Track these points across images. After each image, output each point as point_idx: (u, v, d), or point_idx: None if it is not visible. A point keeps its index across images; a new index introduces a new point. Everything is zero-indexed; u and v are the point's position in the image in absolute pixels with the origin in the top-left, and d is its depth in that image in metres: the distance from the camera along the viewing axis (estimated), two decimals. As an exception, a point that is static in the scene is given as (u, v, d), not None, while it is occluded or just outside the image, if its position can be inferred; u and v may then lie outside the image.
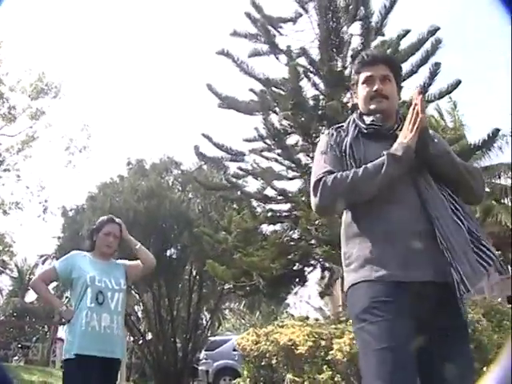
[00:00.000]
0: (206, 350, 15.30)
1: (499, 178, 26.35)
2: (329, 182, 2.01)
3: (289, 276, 8.80)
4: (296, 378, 5.95)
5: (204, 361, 14.93)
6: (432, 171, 2.06)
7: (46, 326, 27.13)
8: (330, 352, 5.58)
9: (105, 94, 62.97)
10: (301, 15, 9.66)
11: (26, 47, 42.32)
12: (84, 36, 61.12)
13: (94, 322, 3.38)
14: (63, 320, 3.49)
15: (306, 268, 8.97)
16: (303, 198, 7.92)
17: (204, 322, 19.85)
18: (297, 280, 9.75)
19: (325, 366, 5.63)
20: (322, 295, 10.65)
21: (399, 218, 1.98)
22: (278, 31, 9.76)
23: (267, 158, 8.96)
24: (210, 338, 17.35)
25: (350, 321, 6.00)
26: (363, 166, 2.00)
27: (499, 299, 19.84)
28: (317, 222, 6.80)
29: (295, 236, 8.36)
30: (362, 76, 2.22)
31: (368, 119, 2.19)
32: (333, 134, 2.22)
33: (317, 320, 6.75)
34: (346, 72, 8.82)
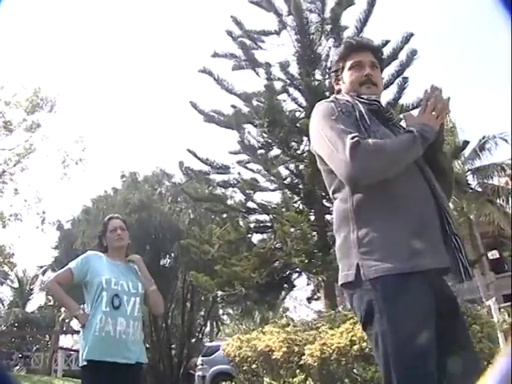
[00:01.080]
0: (202, 356, 15.50)
1: (491, 178, 26.71)
2: (371, 147, 1.80)
3: (275, 283, 9.14)
4: (273, 382, 6.33)
5: (200, 366, 15.18)
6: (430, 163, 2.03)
7: (47, 336, 27.25)
8: (303, 357, 5.93)
9: (100, 107, 63.24)
10: (282, 29, 10.05)
11: (20, 61, 42.66)
12: (78, 50, 61.53)
13: (108, 327, 3.29)
14: (79, 324, 3.37)
15: (292, 275, 9.32)
16: (283, 209, 8.31)
17: (198, 328, 20.15)
18: (285, 286, 10.14)
19: (298, 370, 5.99)
20: (309, 300, 10.94)
21: (417, 203, 1.90)
22: (259, 46, 10.16)
23: (252, 170, 9.34)
24: (206, 344, 17.63)
25: (323, 327, 6.40)
26: (394, 139, 1.90)
27: (494, 298, 20.11)
28: (292, 234, 7.13)
29: (278, 246, 8.66)
30: (350, 62, 2.15)
31: (372, 97, 2.10)
32: (337, 103, 2.06)
33: (295, 326, 7.02)
34: (323, 85, 9.23)
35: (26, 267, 31.40)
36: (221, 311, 23.21)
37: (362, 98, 2.07)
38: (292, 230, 7.14)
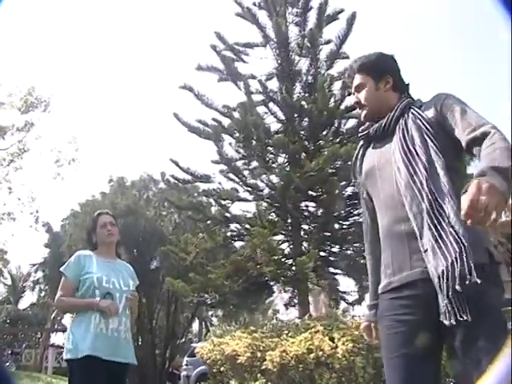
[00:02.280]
0: (187, 356, 15.88)
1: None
2: None
3: (252, 289, 9.48)
4: (237, 384, 6.73)
5: (185, 367, 15.56)
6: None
7: (38, 333, 27.49)
8: (264, 362, 6.32)
9: (93, 109, 63.36)
10: (267, 42, 10.41)
11: (14, 62, 42.91)
12: (70, 53, 61.94)
13: (101, 325, 3.27)
14: (107, 313, 3.26)
15: (269, 282, 9.66)
16: (257, 221, 8.69)
17: (182, 330, 20.47)
18: (266, 291, 10.49)
19: (259, 375, 6.38)
20: (286, 306, 11.20)
21: (387, 220, 2.04)
22: (242, 59, 10.53)
23: (233, 180, 9.67)
24: (192, 345, 17.97)
25: (284, 335, 6.79)
26: None
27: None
28: (261, 246, 7.49)
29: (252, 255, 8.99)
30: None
31: (360, 129, 2.31)
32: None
33: (262, 332, 7.39)
34: (301, 101, 9.60)
35: (19, 264, 31.68)
36: (210, 312, 23.53)
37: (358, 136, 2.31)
38: (261, 241, 7.48)
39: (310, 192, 9.02)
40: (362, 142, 2.28)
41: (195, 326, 27.31)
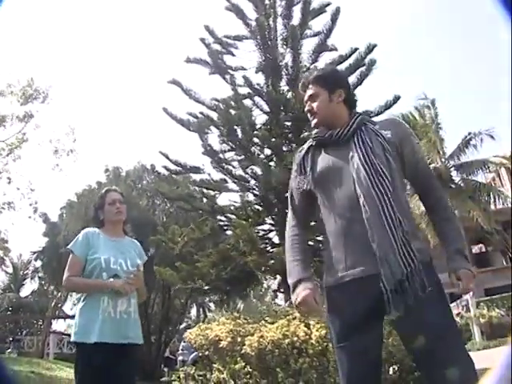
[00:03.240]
0: (183, 342, 16.33)
1: (475, 175, 27.11)
2: None
3: (240, 277, 9.81)
4: (220, 368, 7.05)
5: (181, 351, 16.01)
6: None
7: (40, 320, 27.90)
8: (244, 347, 6.65)
9: (91, 100, 64.17)
10: (253, 37, 10.63)
11: (13, 53, 42.98)
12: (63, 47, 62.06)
13: (109, 308, 3.22)
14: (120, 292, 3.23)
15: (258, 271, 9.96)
16: (240, 212, 9.00)
17: (176, 315, 20.86)
18: (253, 279, 10.82)
19: (239, 358, 6.72)
20: (275, 293, 11.51)
21: (343, 220, 2.20)
22: (231, 53, 10.77)
23: (222, 172, 9.96)
24: (188, 330, 18.37)
25: (263, 321, 7.12)
26: None
27: (471, 293, 20.75)
28: (243, 236, 7.80)
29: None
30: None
31: (313, 132, 2.45)
32: (295, 159, 2.49)
33: (245, 319, 7.72)
34: (286, 95, 9.87)
35: (20, 253, 32.05)
36: (207, 298, 23.96)
37: (312, 137, 2.45)
38: (242, 232, 7.79)
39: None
40: (310, 143, 2.43)
41: (194, 311, 27.70)
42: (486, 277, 28.51)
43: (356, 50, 10.19)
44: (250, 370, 6.57)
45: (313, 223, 2.80)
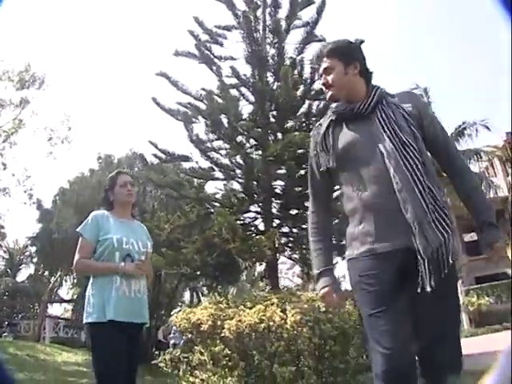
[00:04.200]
0: (175, 325, 16.64)
1: (468, 164, 27.34)
2: None
3: (226, 263, 10.04)
4: (201, 350, 7.35)
5: (173, 335, 16.29)
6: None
7: (36, 304, 28.24)
8: (223, 330, 6.95)
9: (86, 87, 64.30)
10: (241, 28, 10.76)
11: (10, 40, 42.94)
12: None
13: (123, 287, 3.24)
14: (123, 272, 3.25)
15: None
16: (226, 200, 9.26)
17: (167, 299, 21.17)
18: (238, 265, 11.05)
19: (218, 341, 7.01)
20: (262, 279, 11.77)
21: (371, 194, 2.19)
22: (219, 43, 10.92)
23: (210, 161, 10.17)
24: (174, 314, 18.78)
25: (242, 306, 7.40)
26: None
27: (460, 281, 20.96)
28: (224, 224, 8.06)
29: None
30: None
31: (333, 106, 2.42)
32: (314, 135, 2.48)
33: (227, 303, 8.00)
34: (272, 87, 10.07)
35: (16, 238, 32.34)
36: (200, 283, 24.25)
37: (332, 111, 2.41)
38: (223, 220, 8.05)
39: (279, 171, 9.51)
40: (330, 118, 2.39)
41: (188, 296, 27.99)
42: (477, 265, 28.83)
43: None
44: (229, 352, 6.88)
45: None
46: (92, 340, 3.27)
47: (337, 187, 2.54)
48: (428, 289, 2.03)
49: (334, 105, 2.41)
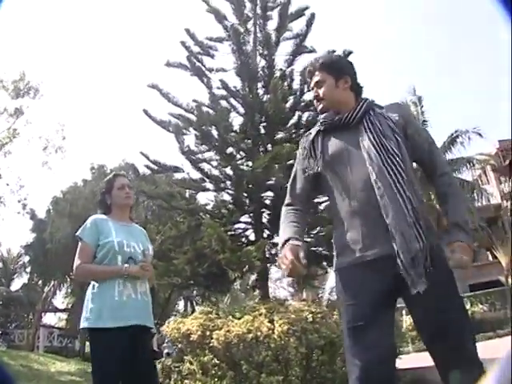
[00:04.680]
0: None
1: (460, 172, 27.43)
2: None
3: (218, 273, 10.13)
4: (191, 359, 7.44)
5: (166, 344, 16.34)
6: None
7: (30, 313, 28.21)
8: (212, 340, 7.04)
9: (79, 97, 64.51)
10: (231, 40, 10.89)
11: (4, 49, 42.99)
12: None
13: (129, 291, 3.19)
14: (126, 276, 3.20)
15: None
16: (216, 212, 9.37)
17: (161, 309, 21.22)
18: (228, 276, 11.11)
19: (207, 351, 7.11)
20: (253, 288, 11.84)
21: (357, 201, 2.23)
22: (211, 55, 11.05)
23: (201, 172, 10.26)
24: (166, 324, 18.82)
25: (231, 316, 7.49)
26: None
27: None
28: (214, 235, 8.16)
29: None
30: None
31: (321, 117, 2.49)
32: (302, 143, 2.55)
33: (217, 313, 8.09)
34: (261, 99, 10.20)
35: (9, 247, 32.29)
36: (194, 292, 24.32)
37: (320, 122, 2.49)
38: (213, 231, 8.15)
39: (269, 182, 9.62)
40: (319, 128, 2.48)
41: (182, 304, 28.05)
42: (470, 273, 28.99)
43: (333, 52, 10.44)
44: (218, 362, 6.98)
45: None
46: (90, 346, 3.24)
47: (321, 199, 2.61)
48: (414, 292, 2.05)
49: (322, 115, 2.49)
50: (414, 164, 2.44)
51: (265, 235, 9.97)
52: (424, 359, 2.38)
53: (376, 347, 2.08)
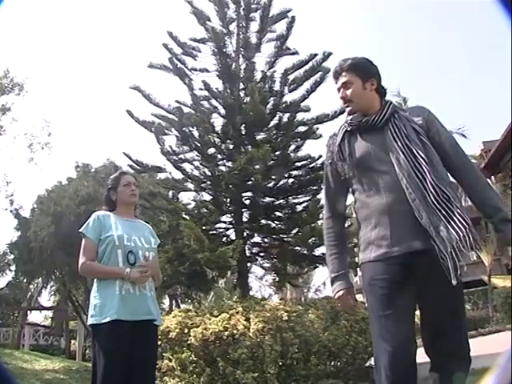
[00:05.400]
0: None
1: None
2: None
3: (199, 272, 10.23)
4: (170, 356, 7.57)
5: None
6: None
7: (16, 311, 28.16)
8: (190, 337, 7.19)
9: (65, 95, 64.23)
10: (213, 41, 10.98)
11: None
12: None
13: (128, 285, 3.20)
14: (130, 279, 3.20)
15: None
16: (196, 212, 9.52)
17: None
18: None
19: (185, 348, 7.26)
20: (234, 286, 11.96)
21: (386, 200, 2.35)
22: (193, 56, 11.12)
23: (182, 172, 10.37)
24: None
25: (208, 314, 7.64)
26: None
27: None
28: (192, 235, 8.30)
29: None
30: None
31: (348, 118, 2.56)
32: (329, 145, 2.65)
33: (195, 311, 8.21)
34: (242, 101, 10.32)
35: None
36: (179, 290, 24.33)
37: (347, 123, 2.57)
38: (191, 231, 8.28)
39: (249, 183, 9.75)
40: (345, 129, 2.57)
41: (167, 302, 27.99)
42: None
43: (315, 55, 10.59)
44: (196, 359, 7.14)
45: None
46: (92, 343, 3.27)
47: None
48: (454, 282, 2.17)
49: (349, 117, 2.57)
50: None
51: (245, 235, 10.10)
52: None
53: (402, 334, 2.27)
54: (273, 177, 9.59)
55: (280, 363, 6.93)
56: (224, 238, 10.31)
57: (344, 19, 70.49)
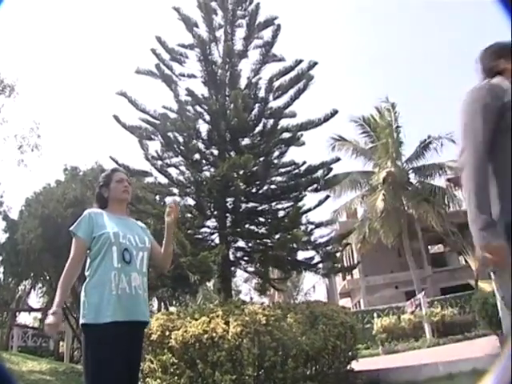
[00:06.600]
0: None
1: (431, 178, 27.85)
2: None
3: (185, 275, 10.36)
4: (151, 358, 7.72)
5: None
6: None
7: (4, 313, 28.08)
8: (171, 340, 7.35)
9: (54, 98, 64.14)
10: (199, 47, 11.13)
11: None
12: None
13: (123, 284, 3.09)
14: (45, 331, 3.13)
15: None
16: (179, 216, 9.65)
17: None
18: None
19: (166, 350, 7.41)
20: (219, 291, 12.10)
21: None
22: (180, 61, 11.27)
23: (168, 177, 10.53)
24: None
25: (189, 317, 7.79)
26: None
27: (423, 292, 21.35)
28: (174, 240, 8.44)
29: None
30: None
31: None
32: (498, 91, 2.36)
33: (178, 314, 8.36)
34: (226, 108, 10.50)
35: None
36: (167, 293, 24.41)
37: None
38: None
39: (231, 188, 9.91)
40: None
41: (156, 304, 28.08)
42: (442, 276, 29.57)
43: (300, 61, 10.78)
44: (176, 361, 7.30)
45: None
46: (84, 344, 3.07)
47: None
48: None
49: None
50: None
51: (230, 239, 10.27)
52: (386, 361, 2.61)
53: None
54: (256, 182, 9.76)
55: (258, 366, 7.08)
56: (209, 243, 10.46)
57: (334, 24, 70.60)
